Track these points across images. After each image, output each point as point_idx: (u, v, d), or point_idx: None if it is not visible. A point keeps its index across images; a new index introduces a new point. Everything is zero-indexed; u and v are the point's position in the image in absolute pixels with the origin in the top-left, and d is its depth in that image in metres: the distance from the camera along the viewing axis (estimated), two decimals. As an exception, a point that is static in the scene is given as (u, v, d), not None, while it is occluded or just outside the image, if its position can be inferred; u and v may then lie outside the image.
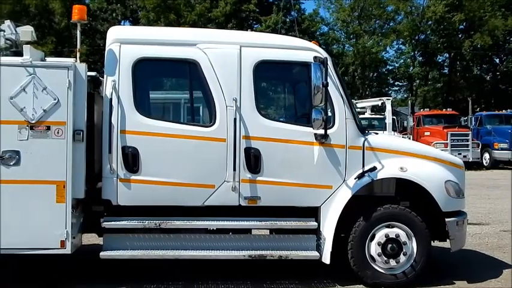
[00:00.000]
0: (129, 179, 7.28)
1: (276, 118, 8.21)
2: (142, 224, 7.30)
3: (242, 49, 7.53)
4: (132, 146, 7.27)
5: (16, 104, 7.00)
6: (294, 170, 7.44)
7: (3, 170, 7.00)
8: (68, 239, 7.06)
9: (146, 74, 7.79)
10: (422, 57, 53.57)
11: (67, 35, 40.28)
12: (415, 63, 53.26)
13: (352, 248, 7.54)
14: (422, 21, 51.05)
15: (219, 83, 7.41)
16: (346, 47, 53.59)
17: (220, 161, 7.34)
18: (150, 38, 7.72)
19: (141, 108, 7.42)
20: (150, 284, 7.59)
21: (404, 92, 58.49)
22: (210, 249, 7.43)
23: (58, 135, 7.06)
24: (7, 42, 8.17)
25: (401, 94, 59.30)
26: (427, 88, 54.45)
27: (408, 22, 51.09)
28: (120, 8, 44.65)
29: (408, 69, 53.85)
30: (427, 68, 53.27)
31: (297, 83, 8.44)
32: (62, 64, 7.25)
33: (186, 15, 39.07)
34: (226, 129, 7.36)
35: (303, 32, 40.54)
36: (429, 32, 51.94)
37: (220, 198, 7.39)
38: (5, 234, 6.99)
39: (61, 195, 7.04)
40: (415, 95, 54.19)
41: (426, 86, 54.64)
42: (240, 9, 40.98)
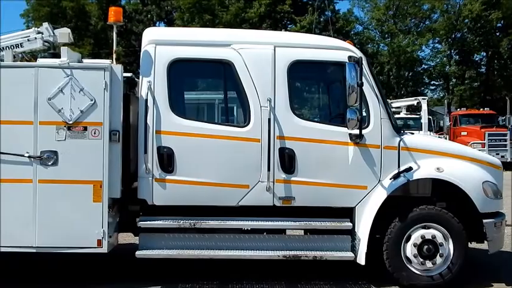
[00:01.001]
0: (164, 179, 7.35)
1: (310, 118, 8.17)
2: (177, 224, 7.35)
3: (276, 49, 7.52)
4: (167, 146, 7.32)
5: (54, 105, 7.12)
6: (328, 170, 7.41)
7: (42, 170, 7.13)
8: (105, 238, 7.16)
9: (181, 75, 7.84)
10: (459, 56, 52.75)
11: (103, 36, 40.85)
12: (451, 62, 52.47)
13: (388, 249, 7.46)
14: (458, 20, 50.24)
15: (254, 83, 7.42)
16: (381, 46, 53.14)
17: (254, 161, 7.35)
18: (185, 39, 7.77)
19: (176, 109, 7.47)
20: (185, 284, 7.63)
21: (441, 91, 57.69)
22: (245, 249, 7.44)
23: (95, 135, 7.16)
24: (45, 44, 8.35)
25: (437, 93, 58.50)
26: (463, 87, 53.57)
27: (444, 21, 50.36)
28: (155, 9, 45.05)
29: (444, 68, 53.06)
30: (463, 67, 52.41)
31: (332, 82, 8.40)
32: (99, 65, 7.35)
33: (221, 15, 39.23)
34: (260, 129, 7.36)
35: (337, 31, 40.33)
36: (466, 30, 51.10)
37: (255, 198, 7.39)
38: (43, 234, 7.13)
39: (98, 195, 7.14)
40: (452, 95, 53.38)
41: (463, 85, 53.76)
42: (275, 10, 40.97)
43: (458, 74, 52.93)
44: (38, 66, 7.28)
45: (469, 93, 54.25)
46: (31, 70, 7.19)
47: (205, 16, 39.39)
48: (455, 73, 52.83)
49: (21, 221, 7.11)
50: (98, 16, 41.15)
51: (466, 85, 54.21)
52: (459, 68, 52.44)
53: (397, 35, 50.89)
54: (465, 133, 30.06)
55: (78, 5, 41.44)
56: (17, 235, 7.13)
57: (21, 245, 7.15)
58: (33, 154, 7.10)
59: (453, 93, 53.71)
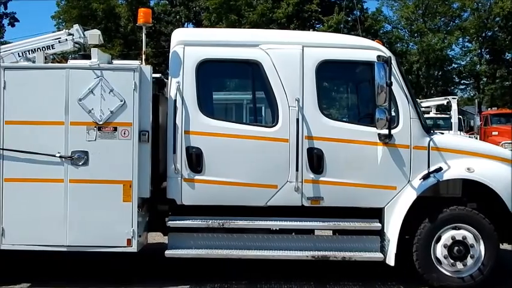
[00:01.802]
0: (193, 178, 7.39)
1: (338, 118, 8.17)
2: (206, 224, 7.38)
3: (304, 49, 7.51)
4: (196, 147, 7.36)
5: (84, 105, 7.21)
6: (357, 170, 7.37)
7: (73, 170, 7.23)
8: (134, 237, 7.22)
9: (209, 75, 7.87)
10: (490, 54, 51.92)
11: (132, 38, 41.22)
12: (482, 61, 51.71)
13: (417, 250, 7.39)
14: (489, 18, 49.48)
15: (282, 84, 7.42)
16: (410, 45, 52.60)
17: (283, 162, 7.35)
18: (213, 40, 7.81)
19: (205, 109, 7.51)
20: (213, 283, 7.66)
21: (471, 90, 56.87)
22: (273, 249, 7.44)
23: (124, 135, 7.23)
24: (76, 45, 8.45)
25: (467, 93, 57.68)
26: (494, 86, 52.70)
27: (474, 19, 49.63)
28: (183, 10, 45.33)
29: (475, 67, 52.29)
30: (494, 66, 51.58)
31: (360, 82, 8.35)
32: (128, 66, 7.43)
33: (247, 16, 39.28)
34: (289, 129, 7.36)
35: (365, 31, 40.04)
36: (497, 28, 50.30)
37: (283, 198, 7.39)
38: (74, 233, 7.23)
39: (127, 195, 7.21)
40: (482, 94, 52.60)
41: (494, 84, 52.89)
42: (302, 10, 40.86)
43: (489, 73, 52.11)
44: (69, 67, 7.38)
45: (500, 92, 53.35)
46: (62, 71, 7.30)
47: (232, 16, 39.47)
48: (485, 72, 52.02)
49: (52, 221, 7.22)
50: (127, 17, 41.53)
51: (497, 84, 53.33)
52: (490, 67, 51.63)
53: (426, 34, 50.32)
54: (496, 133, 29.59)
55: (108, 6, 41.88)
56: (48, 234, 7.24)
57: (53, 244, 7.27)
58: (64, 154, 7.20)
59: (484, 93, 52.91)
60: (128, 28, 41.75)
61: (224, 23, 38.27)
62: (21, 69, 7.45)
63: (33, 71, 7.42)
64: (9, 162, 7.23)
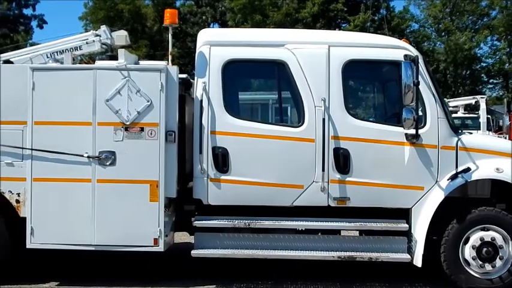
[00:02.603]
0: (219, 178, 7.40)
1: (365, 118, 8.12)
2: (232, 224, 7.39)
3: (330, 49, 7.48)
4: (222, 147, 7.38)
5: (112, 106, 7.28)
6: (384, 170, 7.32)
7: (100, 170, 7.30)
8: (161, 237, 7.26)
9: (235, 75, 7.88)
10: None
11: (159, 38, 41.47)
12: (511, 60, 50.95)
13: (445, 251, 7.31)
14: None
15: (308, 83, 7.39)
16: (437, 44, 52.05)
17: (309, 162, 7.32)
18: (239, 40, 7.82)
19: (231, 109, 7.52)
20: (239, 283, 7.67)
21: (500, 89, 56.08)
22: (299, 249, 7.42)
23: (151, 136, 7.28)
24: (103, 46, 8.54)
25: (496, 92, 56.86)
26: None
27: (503, 17, 48.91)
28: (209, 10, 45.48)
29: (503, 66, 51.55)
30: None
31: (387, 82, 8.28)
32: (155, 67, 7.47)
33: (272, 15, 39.25)
34: (315, 129, 7.33)
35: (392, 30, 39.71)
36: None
37: (309, 198, 7.37)
38: (101, 232, 7.29)
39: (154, 195, 7.25)
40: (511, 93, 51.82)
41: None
42: (328, 9, 40.70)
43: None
44: (96, 68, 7.45)
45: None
46: (89, 72, 7.37)
47: (256, 17, 39.48)
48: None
49: (80, 220, 7.29)
50: (153, 18, 41.81)
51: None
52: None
53: (454, 33, 49.75)
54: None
55: (134, 7, 42.20)
56: (76, 233, 7.32)
57: (81, 243, 7.34)
58: (92, 154, 7.28)
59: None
60: (154, 29, 42.02)
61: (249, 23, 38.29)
62: (50, 70, 7.54)
63: (61, 72, 7.51)
64: (38, 162, 7.32)
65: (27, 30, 43.40)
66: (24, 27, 43.28)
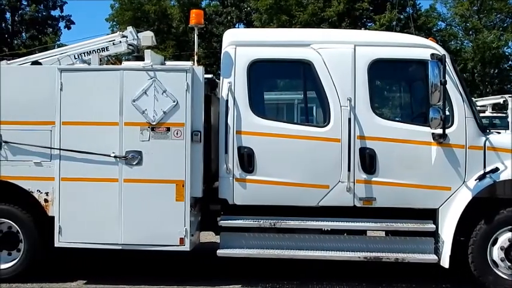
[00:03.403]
0: (244, 178, 7.42)
1: (391, 117, 8.05)
2: (257, 223, 7.39)
3: (356, 48, 7.44)
4: (248, 147, 7.39)
5: (138, 106, 7.33)
6: (410, 170, 7.26)
7: (127, 170, 7.36)
8: (187, 236, 7.30)
9: (261, 75, 7.88)
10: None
11: (184, 39, 41.66)
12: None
13: (473, 252, 7.22)
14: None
15: (333, 83, 7.37)
16: (464, 43, 51.42)
17: (334, 162, 7.30)
18: (264, 40, 7.83)
19: (256, 109, 7.53)
20: (265, 283, 7.67)
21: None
22: (325, 249, 7.40)
23: (177, 136, 7.32)
24: (129, 47, 8.61)
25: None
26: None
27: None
28: (235, 11, 45.56)
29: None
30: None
31: (413, 81, 8.21)
32: (181, 67, 7.51)
33: (298, 15, 39.17)
34: (340, 129, 7.30)
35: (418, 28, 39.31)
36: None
37: (335, 198, 7.34)
38: (128, 231, 7.36)
39: (180, 194, 7.29)
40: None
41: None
42: (353, 8, 40.47)
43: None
44: (123, 69, 7.51)
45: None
46: (116, 73, 7.43)
47: (282, 17, 39.43)
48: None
49: (107, 219, 7.37)
50: (179, 19, 42.01)
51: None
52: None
53: (481, 31, 49.11)
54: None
55: (160, 8, 42.45)
56: (103, 232, 7.40)
57: (108, 242, 7.42)
58: (118, 154, 7.34)
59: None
60: (180, 29, 42.22)
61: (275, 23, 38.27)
62: (77, 71, 7.63)
63: (88, 73, 7.59)
64: (66, 162, 7.41)
65: (55, 32, 43.94)
66: (52, 28, 43.83)
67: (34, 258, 7.62)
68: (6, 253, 7.75)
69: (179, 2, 43.03)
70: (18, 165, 7.53)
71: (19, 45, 40.40)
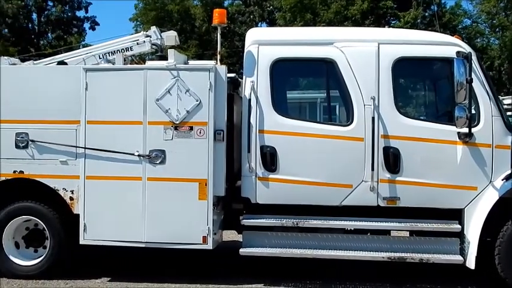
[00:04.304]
0: (267, 177, 7.41)
1: (416, 116, 7.95)
2: (280, 222, 7.37)
3: (380, 46, 7.38)
4: (270, 146, 7.38)
5: (162, 105, 7.37)
6: (435, 170, 7.18)
7: (150, 168, 7.40)
8: (210, 235, 7.32)
9: (284, 74, 7.87)
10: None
11: (207, 38, 41.78)
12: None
13: (500, 254, 7.11)
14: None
15: (357, 82, 7.32)
16: (491, 41, 50.75)
17: (358, 161, 7.25)
18: (287, 39, 7.81)
19: (279, 108, 7.51)
20: (287, 282, 7.66)
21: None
22: (348, 249, 7.35)
23: (200, 135, 7.34)
24: (153, 47, 8.66)
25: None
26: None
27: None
28: (257, 9, 45.56)
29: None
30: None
31: (438, 79, 8.12)
32: (204, 67, 7.53)
33: (322, 14, 39.04)
34: (364, 128, 7.25)
35: (443, 26, 38.92)
36: None
37: (358, 198, 7.29)
38: (151, 229, 7.40)
39: (203, 193, 7.31)
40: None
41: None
42: (377, 6, 40.20)
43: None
44: (147, 68, 7.56)
45: None
46: (140, 72, 7.48)
47: (307, 15, 39.32)
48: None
49: (131, 217, 7.42)
50: (202, 18, 42.14)
51: None
52: None
53: (508, 28, 48.42)
54: None
55: (184, 8, 42.61)
56: (127, 230, 7.45)
57: (131, 239, 7.47)
58: (142, 153, 7.39)
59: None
60: (203, 29, 42.34)
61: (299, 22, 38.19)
62: (102, 71, 7.69)
63: (113, 73, 7.64)
64: (91, 160, 7.49)
65: (80, 32, 44.40)
66: (77, 29, 44.28)
67: (60, 255, 7.71)
68: (32, 250, 7.89)
69: (202, 2, 43.15)
70: (44, 163, 7.62)
71: (45, 46, 40.93)
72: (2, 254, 7.77)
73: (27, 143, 7.63)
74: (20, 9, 39.56)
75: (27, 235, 7.91)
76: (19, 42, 39.72)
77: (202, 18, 42.15)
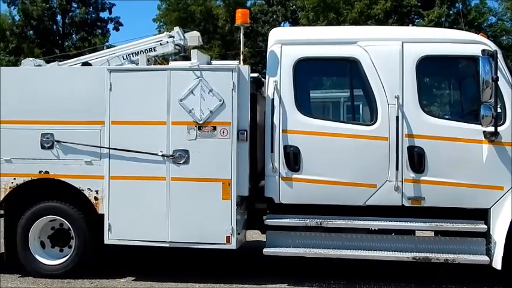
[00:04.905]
0: (290, 177, 7.39)
1: (440, 115, 7.88)
2: (304, 222, 7.36)
3: (404, 45, 7.33)
4: (294, 145, 7.36)
5: (185, 105, 7.40)
6: (461, 169, 7.10)
7: (174, 168, 7.43)
8: (233, 234, 7.33)
9: (307, 74, 7.85)
10: None
11: (230, 38, 41.84)
12: None
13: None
14: None
15: (381, 81, 7.27)
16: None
17: (382, 160, 7.21)
18: (310, 38, 7.79)
19: (302, 108, 7.50)
20: (311, 282, 7.63)
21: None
22: (372, 249, 7.31)
23: (223, 135, 7.35)
24: (176, 47, 8.70)
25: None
26: None
27: None
28: (280, 9, 45.50)
29: None
30: None
31: (463, 78, 8.04)
32: (227, 67, 7.54)
33: (346, 13, 38.87)
34: (388, 127, 7.20)
35: (468, 24, 38.45)
36: None
37: (382, 198, 7.25)
38: (175, 229, 7.43)
39: (226, 193, 7.32)
40: None
41: None
42: (401, 5, 39.89)
43: None
44: (170, 69, 7.60)
45: None
46: (164, 73, 7.52)
47: (330, 15, 39.17)
48: None
49: (155, 217, 7.46)
50: (225, 19, 42.22)
51: None
52: None
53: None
54: None
55: (206, 8, 42.73)
56: (151, 230, 7.49)
57: (156, 239, 7.51)
58: (166, 153, 7.42)
59: None
60: (226, 29, 42.43)
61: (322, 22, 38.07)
62: (126, 72, 7.75)
63: (136, 73, 7.70)
64: (115, 160, 7.54)
65: (103, 33, 44.75)
66: (101, 30, 44.64)
67: (85, 255, 7.78)
68: (58, 249, 7.97)
69: (225, 2, 43.23)
70: (69, 163, 7.70)
71: (70, 47, 41.33)
72: (29, 254, 7.86)
73: (53, 144, 7.71)
74: (45, 11, 40.00)
75: (52, 235, 8.00)
76: (44, 44, 40.19)
77: (225, 18, 42.21)
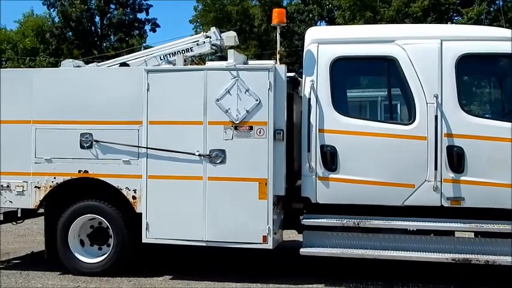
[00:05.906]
0: (327, 177, 7.35)
1: (480, 114, 7.76)
2: (341, 222, 7.31)
3: (443, 43, 7.22)
4: (331, 145, 7.32)
5: (222, 105, 7.42)
6: (502, 169, 6.96)
7: (211, 168, 7.46)
8: (270, 234, 7.32)
9: (344, 73, 7.79)
10: None
11: (266, 38, 41.87)
12: None
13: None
14: None
15: (419, 79, 7.18)
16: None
17: (420, 160, 7.11)
18: (347, 37, 7.75)
19: (339, 107, 7.45)
20: (349, 283, 7.57)
21: None
22: (410, 250, 7.22)
23: (260, 134, 7.35)
24: (213, 47, 8.75)
25: None
26: None
27: None
28: (316, 8, 45.33)
29: None
30: None
31: (504, 76, 7.87)
32: (263, 66, 7.54)
33: (383, 12, 38.50)
34: (426, 127, 7.11)
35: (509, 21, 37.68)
36: None
37: (421, 198, 7.15)
38: (212, 228, 7.46)
39: (263, 192, 7.32)
40: None
41: None
42: (439, 2, 39.33)
43: None
44: (207, 69, 7.64)
45: None
46: (200, 73, 7.56)
47: (366, 13, 38.86)
48: None
49: (192, 216, 7.51)
50: (261, 18, 42.26)
51: None
52: None
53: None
54: None
55: (243, 8, 42.85)
56: (189, 229, 7.54)
57: (193, 238, 7.55)
58: (203, 153, 7.46)
59: None
60: (262, 29, 42.47)
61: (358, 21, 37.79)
62: (163, 72, 7.81)
63: (174, 74, 7.75)
64: (153, 160, 7.62)
65: (141, 34, 45.29)
66: (138, 31, 45.17)
67: (123, 253, 7.87)
68: (96, 248, 8.09)
69: (261, 2, 43.26)
70: (107, 163, 7.80)
71: (108, 48, 41.96)
72: (68, 252, 8.00)
73: (92, 143, 7.83)
74: (84, 12, 40.71)
75: (91, 233, 8.13)
76: (83, 45, 40.93)
77: (261, 18, 42.25)
